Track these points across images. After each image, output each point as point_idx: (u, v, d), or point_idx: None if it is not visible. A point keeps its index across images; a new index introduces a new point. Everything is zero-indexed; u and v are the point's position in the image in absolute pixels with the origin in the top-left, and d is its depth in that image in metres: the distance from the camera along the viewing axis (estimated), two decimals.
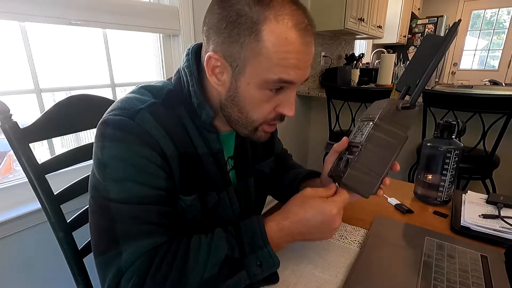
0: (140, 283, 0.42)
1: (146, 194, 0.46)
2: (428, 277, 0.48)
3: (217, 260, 0.44)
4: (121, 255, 0.43)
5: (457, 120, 0.69)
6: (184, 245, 0.46)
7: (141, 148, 0.46)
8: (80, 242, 0.68)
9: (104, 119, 0.48)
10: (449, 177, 0.69)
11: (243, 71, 0.46)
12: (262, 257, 0.46)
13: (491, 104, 1.36)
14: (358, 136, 0.50)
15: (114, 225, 0.45)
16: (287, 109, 0.49)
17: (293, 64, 0.44)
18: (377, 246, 0.56)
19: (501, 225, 0.60)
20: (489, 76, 4.09)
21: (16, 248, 0.92)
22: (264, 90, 0.47)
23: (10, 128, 0.57)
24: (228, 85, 0.48)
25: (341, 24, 2.16)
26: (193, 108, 0.52)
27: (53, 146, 1.04)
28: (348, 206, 0.74)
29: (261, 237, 0.47)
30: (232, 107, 0.50)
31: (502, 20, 4.30)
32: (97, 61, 1.14)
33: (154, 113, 0.48)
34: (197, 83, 0.52)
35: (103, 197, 0.46)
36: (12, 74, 0.94)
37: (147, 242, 0.45)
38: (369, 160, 0.47)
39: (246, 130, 0.52)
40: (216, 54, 0.46)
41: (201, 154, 0.53)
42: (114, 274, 0.43)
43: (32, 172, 0.60)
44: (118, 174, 0.46)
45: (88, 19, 1.00)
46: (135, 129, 0.46)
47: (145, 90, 0.52)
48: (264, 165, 0.69)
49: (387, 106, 0.49)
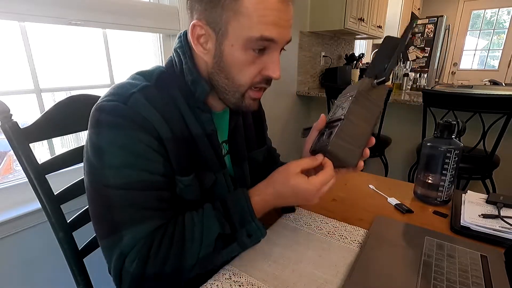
0: (142, 264, 0.45)
1: (144, 180, 0.47)
2: (428, 276, 0.48)
3: (211, 238, 0.48)
4: (122, 239, 0.46)
5: (457, 120, 0.69)
6: (179, 227, 0.49)
7: (137, 133, 0.47)
8: (80, 242, 0.68)
9: (98, 105, 0.48)
10: (449, 177, 0.69)
11: (225, 34, 0.47)
12: (251, 230, 0.51)
13: (491, 104, 1.36)
14: (338, 112, 0.53)
15: (114, 212, 0.46)
16: (272, 70, 0.50)
17: (272, 21, 0.46)
18: (377, 246, 0.56)
19: (501, 225, 0.60)
20: (489, 76, 4.09)
21: (16, 248, 0.92)
22: (247, 50, 0.48)
23: (10, 128, 0.57)
24: (214, 51, 0.50)
25: (341, 24, 2.16)
26: (187, 87, 0.53)
27: (53, 146, 1.04)
28: (348, 206, 0.74)
29: (249, 213, 0.51)
30: (219, 74, 0.51)
31: (502, 20, 4.30)
32: (97, 61, 1.14)
33: (147, 96, 0.49)
34: (190, 61, 0.53)
35: (102, 184, 0.47)
36: (12, 74, 0.94)
37: (145, 227, 0.47)
38: (351, 131, 0.50)
39: (234, 98, 0.53)
40: (200, 22, 0.48)
41: (195, 135, 0.54)
42: (118, 256, 0.46)
43: (32, 172, 0.60)
44: (116, 160, 0.46)
45: (88, 19, 1.00)
46: (129, 113, 0.46)
47: (137, 75, 0.53)
48: (258, 153, 0.71)
49: (363, 84, 0.54)
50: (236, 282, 0.49)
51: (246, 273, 0.50)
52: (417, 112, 1.90)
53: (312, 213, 0.70)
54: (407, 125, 2.11)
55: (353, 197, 0.79)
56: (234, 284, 0.48)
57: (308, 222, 0.66)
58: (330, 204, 0.76)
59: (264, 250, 0.56)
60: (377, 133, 1.83)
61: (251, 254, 0.55)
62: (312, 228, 0.64)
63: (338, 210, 0.73)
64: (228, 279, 0.49)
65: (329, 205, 0.75)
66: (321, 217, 0.68)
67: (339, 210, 0.72)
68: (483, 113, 1.39)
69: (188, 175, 0.53)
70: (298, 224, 0.65)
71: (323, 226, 0.64)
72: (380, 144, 1.91)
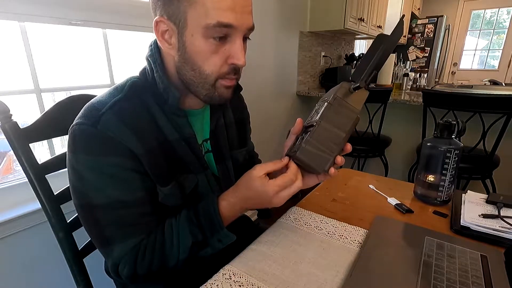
0: (132, 268, 0.52)
1: (125, 200, 0.50)
2: (428, 276, 0.48)
3: (187, 245, 0.53)
4: (113, 251, 0.52)
5: (457, 120, 0.69)
6: (160, 237, 0.53)
7: (111, 158, 0.48)
8: (80, 242, 0.68)
9: (72, 128, 0.50)
10: (449, 177, 0.69)
11: (185, 25, 0.48)
12: (221, 236, 0.54)
13: (491, 104, 1.36)
14: (314, 116, 0.53)
15: (102, 228, 0.51)
16: (236, 58, 0.50)
17: (228, 6, 0.46)
18: (377, 246, 0.56)
19: (500, 225, 0.60)
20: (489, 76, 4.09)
21: (16, 248, 0.92)
22: (208, 39, 0.48)
23: (10, 128, 0.57)
24: (177, 45, 0.50)
25: (341, 24, 2.16)
26: (160, 95, 0.54)
27: (53, 146, 1.04)
28: (348, 206, 0.74)
29: (218, 222, 0.53)
30: (185, 66, 0.51)
31: (502, 20, 4.30)
32: (97, 61, 1.14)
33: (117, 113, 0.49)
34: (161, 69, 0.53)
35: (87, 204, 0.50)
36: (12, 74, 0.94)
37: (131, 241, 0.52)
38: (323, 137, 0.50)
39: (204, 89, 0.53)
40: (162, 18, 0.49)
41: (172, 140, 0.54)
42: (111, 264, 0.53)
43: (32, 172, 0.60)
44: (96, 183, 0.49)
45: (88, 19, 1.00)
46: (100, 138, 0.48)
47: (111, 89, 0.54)
48: (238, 154, 0.71)
49: (340, 89, 0.52)
50: (236, 282, 0.49)
51: (246, 273, 0.51)
52: (417, 112, 1.91)
53: (312, 213, 0.70)
54: (407, 125, 2.11)
55: (353, 197, 0.79)
56: (234, 284, 0.48)
57: (308, 222, 0.66)
58: (330, 204, 0.76)
59: (264, 250, 0.56)
60: (377, 133, 1.83)
61: (251, 254, 0.55)
62: (312, 228, 0.64)
63: (338, 210, 0.73)
64: (228, 279, 0.49)
65: (329, 205, 0.75)
66: (321, 217, 0.68)
67: (339, 210, 0.72)
68: (483, 113, 1.39)
69: (168, 185, 0.54)
70: (298, 224, 0.65)
71: (323, 226, 0.64)
72: (380, 144, 1.91)
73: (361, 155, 1.95)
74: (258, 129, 1.99)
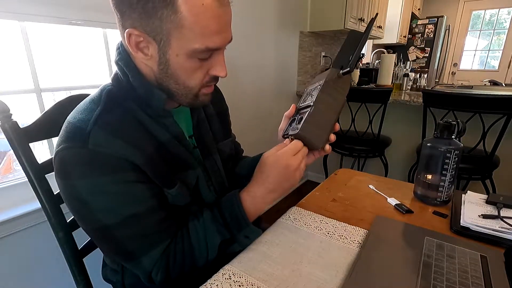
0: (165, 273, 0.53)
1: (138, 212, 0.49)
2: (428, 277, 0.48)
3: (215, 245, 0.54)
4: (142, 262, 0.51)
5: (457, 120, 0.69)
6: (186, 239, 0.54)
7: (111, 177, 0.46)
8: (80, 242, 0.68)
9: (59, 156, 0.46)
10: (449, 177, 0.69)
11: (168, 44, 0.46)
12: (247, 232, 0.56)
13: (491, 104, 1.36)
14: (307, 99, 0.59)
15: (124, 245, 0.50)
16: (219, 70, 0.52)
17: (215, 30, 0.46)
18: (377, 246, 0.56)
19: (500, 225, 0.60)
20: (489, 76, 4.09)
21: (16, 248, 0.92)
22: (193, 58, 0.48)
23: (10, 128, 0.57)
24: (157, 59, 0.48)
25: (341, 24, 2.16)
26: (141, 100, 0.52)
27: (53, 146, 1.04)
28: (348, 206, 0.74)
29: (243, 219, 0.55)
30: (168, 80, 0.51)
31: (502, 20, 4.30)
32: (97, 61, 1.14)
33: (103, 127, 0.47)
34: (136, 72, 0.52)
35: (100, 227, 0.48)
36: (12, 73, 0.94)
37: (158, 249, 0.52)
38: (319, 117, 0.56)
39: (187, 98, 0.54)
40: (136, 30, 0.45)
41: (164, 141, 0.54)
42: (143, 274, 0.53)
43: (32, 172, 0.60)
44: (103, 204, 0.47)
45: (88, 19, 1.00)
46: (94, 158, 0.45)
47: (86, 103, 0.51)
48: (224, 145, 0.71)
49: (330, 74, 0.59)
50: (236, 282, 0.49)
51: (246, 273, 0.51)
52: (417, 112, 1.91)
53: (312, 213, 0.70)
54: (407, 125, 2.11)
55: (353, 197, 0.79)
56: (234, 284, 0.48)
57: (308, 222, 0.66)
58: (330, 204, 0.76)
59: (264, 250, 0.56)
60: (377, 133, 1.83)
61: (251, 254, 0.55)
62: (312, 228, 0.64)
63: (338, 210, 0.73)
64: (228, 279, 0.49)
65: (329, 205, 0.75)
66: (321, 217, 0.68)
67: (339, 210, 0.72)
68: (483, 113, 1.39)
69: (174, 186, 0.54)
70: (298, 224, 0.65)
71: (323, 226, 0.64)
72: (380, 144, 1.91)
73: (361, 155, 1.95)
74: (258, 129, 2.00)
